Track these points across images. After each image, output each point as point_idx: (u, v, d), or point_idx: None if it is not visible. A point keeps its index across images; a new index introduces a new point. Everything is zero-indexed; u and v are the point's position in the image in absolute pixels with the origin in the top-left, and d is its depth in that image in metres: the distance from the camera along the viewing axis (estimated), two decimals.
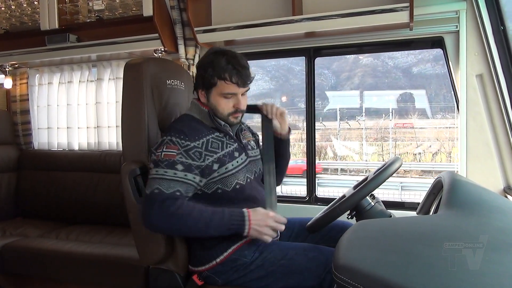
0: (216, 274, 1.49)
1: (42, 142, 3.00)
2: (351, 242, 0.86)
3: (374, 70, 5.51)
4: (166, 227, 1.38)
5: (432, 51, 4.92)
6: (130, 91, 1.70)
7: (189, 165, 1.42)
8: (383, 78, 5.58)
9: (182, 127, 1.47)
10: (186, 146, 1.43)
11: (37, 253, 2.17)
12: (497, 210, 1.08)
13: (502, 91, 1.85)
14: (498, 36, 1.85)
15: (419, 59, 5.08)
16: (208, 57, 1.49)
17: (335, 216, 1.36)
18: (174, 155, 1.41)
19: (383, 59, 5.32)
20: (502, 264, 0.74)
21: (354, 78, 3.99)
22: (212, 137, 1.51)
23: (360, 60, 5.03)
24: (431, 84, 5.33)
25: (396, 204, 2.31)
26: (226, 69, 1.45)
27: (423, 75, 5.25)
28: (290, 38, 2.29)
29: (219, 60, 1.46)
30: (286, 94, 5.94)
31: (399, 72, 5.46)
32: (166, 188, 1.37)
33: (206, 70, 1.47)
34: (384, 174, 1.36)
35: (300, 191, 2.62)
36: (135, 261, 1.85)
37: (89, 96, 2.82)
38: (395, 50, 2.48)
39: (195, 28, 2.29)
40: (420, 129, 6.06)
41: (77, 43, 2.58)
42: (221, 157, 1.49)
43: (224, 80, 1.45)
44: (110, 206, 2.58)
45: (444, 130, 5.72)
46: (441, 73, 5.03)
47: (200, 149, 1.45)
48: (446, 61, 2.04)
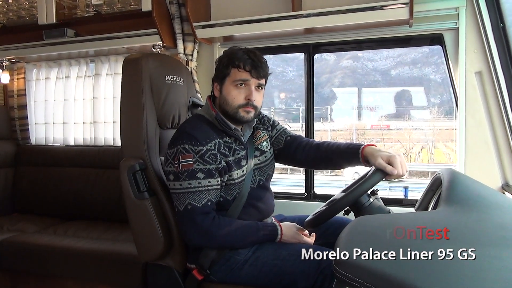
0: (212, 271, 1.50)
1: (39, 138, 2.98)
2: (350, 237, 0.86)
3: (354, 72, 5.55)
4: (204, 242, 1.46)
5: (411, 54, 4.99)
6: (129, 87, 1.69)
7: (208, 170, 1.43)
8: (362, 80, 5.63)
9: (192, 131, 1.46)
10: (199, 152, 1.43)
11: (34, 248, 2.16)
12: (496, 206, 1.08)
13: (501, 89, 1.85)
14: (497, 33, 1.85)
15: (397, 62, 5.13)
16: (227, 51, 1.53)
17: (334, 211, 1.36)
18: (191, 164, 1.42)
19: (363, 62, 5.37)
20: (501, 259, 0.74)
21: (334, 79, 4.07)
22: (222, 141, 1.50)
23: (340, 62, 5.07)
24: (409, 86, 5.41)
25: (394, 201, 2.32)
26: (241, 58, 1.47)
27: (401, 78, 5.31)
28: (289, 34, 2.28)
29: (236, 52, 1.50)
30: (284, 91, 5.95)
31: (377, 75, 5.51)
32: (197, 201, 1.41)
33: (222, 61, 1.50)
34: (367, 183, 1.36)
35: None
36: (133, 257, 1.84)
37: (87, 92, 2.81)
38: (394, 46, 2.47)
39: (194, 24, 2.28)
40: (397, 131, 6.11)
41: (75, 38, 2.57)
42: (230, 162, 1.49)
43: (237, 67, 1.47)
44: (108, 202, 2.57)
45: (419, 131, 5.78)
46: (418, 76, 5.08)
47: (214, 151, 1.45)
48: (446, 58, 2.03)
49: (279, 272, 1.41)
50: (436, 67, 4.88)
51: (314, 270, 1.37)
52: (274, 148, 1.72)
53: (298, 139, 1.71)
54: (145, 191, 1.60)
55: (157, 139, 1.72)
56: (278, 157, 1.74)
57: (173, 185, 1.45)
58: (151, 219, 1.58)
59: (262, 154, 1.65)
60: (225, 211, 1.51)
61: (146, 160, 1.63)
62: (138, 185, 1.59)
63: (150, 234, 1.58)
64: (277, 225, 1.52)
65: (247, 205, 1.55)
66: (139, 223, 1.62)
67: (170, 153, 1.46)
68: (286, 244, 1.50)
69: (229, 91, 1.49)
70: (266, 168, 1.65)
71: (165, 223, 1.60)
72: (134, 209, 1.60)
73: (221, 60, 1.52)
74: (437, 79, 5.06)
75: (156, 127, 1.72)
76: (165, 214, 1.60)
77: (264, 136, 1.68)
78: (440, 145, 5.90)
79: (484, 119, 1.94)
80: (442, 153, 5.96)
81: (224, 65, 1.49)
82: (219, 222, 1.43)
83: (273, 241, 1.50)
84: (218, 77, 1.53)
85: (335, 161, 1.59)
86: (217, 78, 1.53)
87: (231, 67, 1.48)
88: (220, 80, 1.52)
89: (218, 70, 1.52)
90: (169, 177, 1.47)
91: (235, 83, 1.48)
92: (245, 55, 1.47)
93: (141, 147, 1.64)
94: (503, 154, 1.92)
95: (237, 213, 1.52)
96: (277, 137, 1.72)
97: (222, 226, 1.43)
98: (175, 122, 1.80)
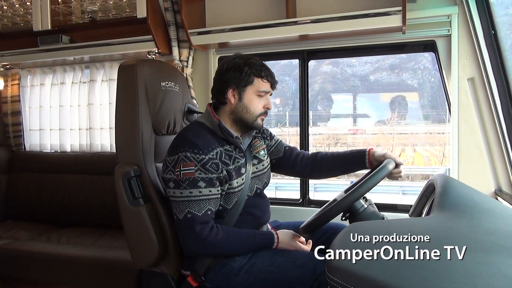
0: (207, 278, 1.49)
1: (34, 144, 2.97)
2: (344, 244, 0.86)
3: (333, 77, 5.61)
4: (203, 251, 1.45)
5: (388, 60, 5.07)
6: (124, 93, 1.69)
7: (210, 179, 1.43)
8: (342, 85, 5.70)
9: (194, 139, 1.45)
10: (202, 160, 1.42)
11: (28, 256, 2.15)
12: (488, 212, 1.09)
13: (493, 94, 1.87)
14: (489, 40, 1.87)
15: (376, 68, 5.21)
16: (239, 59, 1.53)
17: (329, 217, 1.37)
18: (193, 172, 1.41)
19: (342, 67, 5.43)
20: (493, 265, 0.75)
21: (314, 85, 4.16)
22: (223, 150, 1.50)
23: (320, 67, 5.12)
24: (386, 91, 5.50)
25: (389, 206, 2.33)
26: (262, 69, 1.51)
27: (379, 83, 5.39)
28: (284, 41, 2.29)
29: (254, 60, 1.52)
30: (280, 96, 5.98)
31: (356, 80, 5.57)
32: (197, 210, 1.41)
33: (242, 68, 1.49)
34: (378, 175, 1.37)
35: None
36: (128, 263, 1.83)
37: (82, 98, 2.80)
38: (387, 53, 2.50)
39: (189, 30, 2.29)
40: (371, 135, 6.19)
41: (70, 44, 2.57)
42: (230, 171, 1.49)
43: (262, 78, 1.51)
44: (102, 209, 2.56)
45: (394, 136, 5.88)
46: (396, 82, 5.17)
47: (216, 160, 1.45)
48: (438, 64, 2.05)
49: (274, 278, 1.41)
50: (413, 73, 4.95)
51: (309, 276, 1.37)
52: (272, 157, 1.75)
53: (295, 150, 1.79)
54: (140, 198, 1.59)
55: (152, 146, 1.72)
56: (276, 166, 1.77)
57: (173, 193, 1.44)
58: (146, 226, 1.57)
59: (260, 163, 1.65)
60: (221, 218, 1.51)
61: (141, 166, 1.63)
62: (133, 191, 1.59)
63: (145, 241, 1.57)
64: (273, 233, 1.52)
65: (244, 213, 1.54)
66: (133, 230, 1.61)
67: (171, 160, 1.45)
68: (282, 251, 1.50)
69: (251, 99, 1.51)
70: (263, 176, 1.66)
71: (160, 230, 1.59)
72: (128, 215, 1.60)
73: (239, 67, 1.50)
74: (414, 85, 5.13)
75: (152, 133, 1.72)
76: (160, 221, 1.60)
77: (262, 145, 1.69)
78: (419, 149, 5.98)
79: (476, 125, 1.96)
80: (421, 156, 6.04)
81: (247, 73, 1.49)
82: (217, 231, 1.43)
83: (270, 249, 1.50)
84: (236, 84, 1.50)
85: (337, 166, 1.69)
86: (235, 84, 1.50)
87: (254, 76, 1.50)
88: (240, 88, 1.51)
89: (237, 77, 1.50)
90: (169, 184, 1.46)
91: (258, 93, 1.51)
92: (264, 66, 1.52)
93: (136, 153, 1.64)
94: (495, 159, 1.93)
95: (234, 221, 1.52)
96: (276, 146, 1.76)
97: (220, 235, 1.42)
98: (171, 128, 1.80)
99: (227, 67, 1.52)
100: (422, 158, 6.04)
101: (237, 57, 1.55)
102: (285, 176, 1.93)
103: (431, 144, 5.87)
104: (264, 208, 1.63)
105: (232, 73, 1.51)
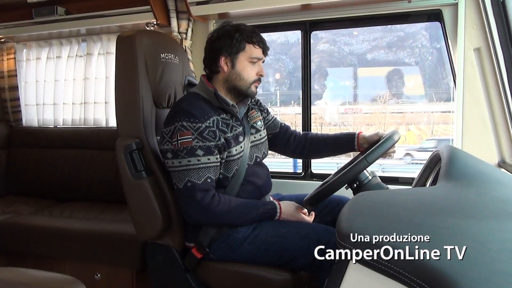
0: (211, 249, 1.50)
1: (30, 119, 2.93)
2: (353, 211, 0.86)
3: (331, 56, 5.56)
4: (205, 219, 1.45)
5: (386, 38, 5.01)
6: (123, 65, 1.66)
7: (207, 147, 1.42)
8: (339, 64, 5.67)
9: (189, 108, 1.45)
10: (198, 129, 1.42)
11: (30, 230, 2.15)
12: (495, 181, 1.09)
13: (500, 65, 1.84)
14: (496, 8, 1.83)
15: (373, 46, 5.16)
16: (229, 26, 1.51)
17: (335, 188, 1.36)
18: (190, 141, 1.41)
19: (339, 46, 5.38)
20: (504, 231, 0.75)
21: (311, 63, 4.18)
22: (220, 118, 1.49)
23: (317, 46, 5.06)
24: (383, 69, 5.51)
25: (390, 179, 2.33)
26: (253, 34, 1.49)
27: (376, 62, 5.37)
28: (286, 11, 2.23)
29: (244, 26, 1.50)
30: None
31: (354, 58, 5.53)
32: (197, 178, 1.41)
33: (233, 35, 1.48)
34: (384, 146, 1.36)
35: None
36: (132, 236, 1.84)
37: (78, 72, 2.75)
38: (392, 23, 2.44)
39: (188, 0, 2.22)
40: (369, 114, 6.26)
41: (66, 16, 2.50)
42: (229, 139, 1.49)
43: (253, 44, 1.49)
44: (103, 183, 2.55)
45: (390, 115, 5.99)
46: (393, 60, 5.16)
47: (213, 128, 1.45)
48: (444, 34, 2.01)
49: (278, 249, 1.42)
50: (411, 51, 4.92)
51: (313, 247, 1.37)
52: (269, 132, 1.76)
53: (289, 128, 1.82)
54: (143, 171, 1.59)
55: (153, 118, 1.71)
56: (271, 142, 1.78)
57: (172, 163, 1.44)
58: (149, 198, 1.57)
59: (257, 133, 1.66)
60: (223, 188, 1.51)
61: (143, 139, 1.61)
62: (135, 164, 1.58)
63: (148, 213, 1.57)
64: (276, 203, 1.53)
65: (245, 182, 1.55)
66: (137, 203, 1.61)
67: (167, 131, 1.45)
68: (285, 221, 1.51)
69: (244, 66, 1.50)
70: (261, 146, 1.66)
71: (163, 202, 1.60)
72: (131, 188, 1.59)
73: (230, 34, 1.48)
74: (411, 63, 5.10)
75: (152, 106, 1.70)
76: (163, 193, 1.60)
77: (258, 116, 1.70)
78: (413, 128, 6.05)
79: (482, 96, 1.93)
80: (414, 135, 6.15)
81: (238, 39, 1.47)
82: (219, 200, 1.43)
83: (272, 219, 1.51)
84: (229, 51, 1.49)
85: (327, 147, 1.73)
86: (229, 52, 1.49)
87: (246, 43, 1.48)
88: (233, 55, 1.49)
89: (229, 44, 1.48)
90: (167, 155, 1.45)
91: (251, 59, 1.50)
92: (254, 32, 1.50)
93: (137, 126, 1.62)
94: (500, 131, 1.92)
95: (235, 190, 1.52)
96: (273, 122, 1.78)
97: (221, 203, 1.43)
98: (171, 101, 1.77)
99: (218, 35, 1.51)
100: (415, 137, 6.14)
101: (226, 24, 1.53)
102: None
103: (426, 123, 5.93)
104: (265, 177, 1.64)
105: (223, 40, 1.49)
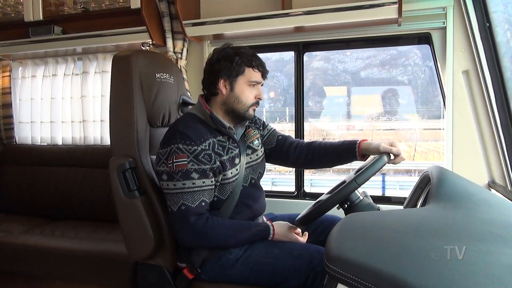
0: (203, 270, 1.49)
1: (24, 137, 2.92)
2: (342, 234, 0.86)
3: (325, 73, 5.63)
4: (198, 242, 1.45)
5: (379, 56, 5.10)
6: (118, 84, 1.68)
7: (203, 170, 1.42)
8: (333, 81, 5.73)
9: (186, 130, 1.44)
10: (194, 152, 1.41)
11: (21, 249, 2.12)
12: (483, 202, 1.10)
13: (488, 87, 1.88)
14: (484, 32, 1.88)
15: (367, 64, 5.25)
16: (229, 49, 1.52)
17: (326, 208, 1.37)
18: (185, 164, 1.40)
19: (333, 63, 5.46)
20: (490, 254, 0.76)
21: (306, 80, 4.28)
22: (216, 140, 1.49)
23: (311, 63, 5.13)
24: (377, 87, 5.58)
25: (383, 198, 2.35)
26: (253, 58, 1.50)
27: (370, 79, 5.44)
28: (279, 33, 2.28)
29: (244, 50, 1.51)
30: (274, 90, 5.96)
31: (348, 76, 5.61)
32: (191, 202, 1.40)
33: (233, 58, 1.49)
34: (374, 167, 1.38)
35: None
36: (123, 256, 1.83)
37: (74, 90, 2.76)
38: (383, 45, 2.49)
39: (183, 21, 2.26)
40: (360, 131, 6.34)
41: (62, 35, 2.53)
42: (224, 161, 1.48)
43: (252, 67, 1.50)
44: (96, 202, 2.53)
45: (383, 132, 6.07)
46: (386, 78, 5.24)
47: (209, 151, 1.44)
48: (433, 57, 2.06)
49: (270, 270, 1.42)
50: (404, 69, 4.99)
51: (305, 268, 1.38)
52: (266, 147, 1.74)
53: (289, 138, 1.77)
54: (135, 190, 1.58)
55: (147, 138, 1.71)
56: (270, 156, 1.76)
57: (167, 185, 1.44)
58: (141, 218, 1.56)
59: (254, 153, 1.65)
60: (217, 210, 1.51)
61: (136, 158, 1.62)
62: (128, 183, 1.58)
63: (140, 233, 1.56)
64: (269, 224, 1.52)
65: (239, 204, 1.54)
66: (129, 222, 1.60)
67: (163, 152, 1.45)
68: (278, 242, 1.50)
69: (243, 90, 1.51)
70: (257, 167, 1.66)
71: (155, 222, 1.59)
72: (124, 208, 1.59)
73: (230, 57, 1.49)
74: (404, 81, 5.18)
75: (146, 125, 1.71)
76: (155, 213, 1.59)
77: (256, 135, 1.69)
78: (402, 144, 6.24)
79: (471, 117, 1.97)
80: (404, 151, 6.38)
81: (238, 63, 1.48)
82: (213, 223, 1.42)
83: (265, 240, 1.50)
84: (227, 74, 1.50)
85: (329, 157, 1.66)
86: (226, 75, 1.50)
87: (245, 66, 1.49)
88: (232, 78, 1.50)
89: (228, 67, 1.49)
90: (162, 177, 1.45)
91: (250, 83, 1.51)
92: (254, 56, 1.52)
93: (131, 145, 1.63)
94: (489, 152, 1.95)
95: (229, 212, 1.52)
96: (269, 136, 1.75)
97: (215, 227, 1.42)
98: (166, 120, 1.78)
99: (218, 57, 1.52)
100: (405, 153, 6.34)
101: (227, 47, 1.54)
102: (282, 170, 1.93)
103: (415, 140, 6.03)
104: (259, 199, 1.63)
105: (223, 63, 1.50)
